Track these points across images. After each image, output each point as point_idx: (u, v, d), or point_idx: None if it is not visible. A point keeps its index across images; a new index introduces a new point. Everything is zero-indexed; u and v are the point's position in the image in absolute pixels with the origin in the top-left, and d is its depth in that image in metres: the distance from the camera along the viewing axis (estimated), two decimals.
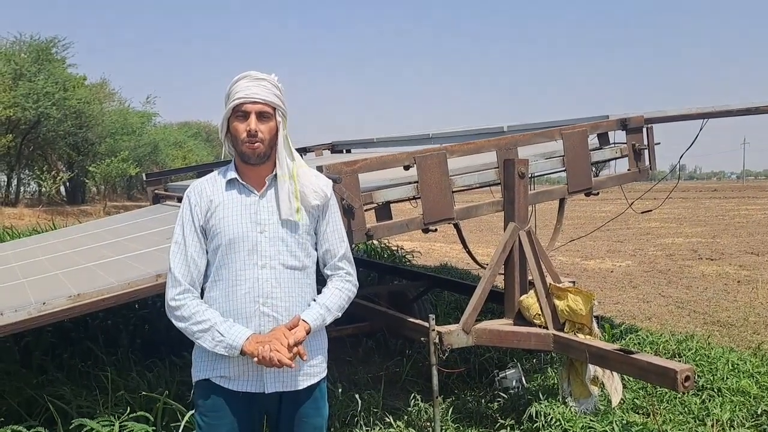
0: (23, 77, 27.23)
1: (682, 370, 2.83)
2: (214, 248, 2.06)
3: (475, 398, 4.11)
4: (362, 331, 4.73)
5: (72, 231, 6.11)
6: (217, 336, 1.97)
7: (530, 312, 3.66)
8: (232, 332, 1.96)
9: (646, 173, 4.59)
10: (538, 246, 3.78)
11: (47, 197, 30.49)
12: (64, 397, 3.51)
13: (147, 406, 3.35)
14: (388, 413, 3.77)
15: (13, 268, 4.20)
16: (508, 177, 3.81)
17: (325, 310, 2.09)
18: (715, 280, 9.18)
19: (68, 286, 3.11)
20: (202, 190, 2.11)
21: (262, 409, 2.10)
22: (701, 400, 3.90)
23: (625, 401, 3.87)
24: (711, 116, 4.62)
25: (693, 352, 4.74)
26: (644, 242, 14.37)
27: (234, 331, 1.97)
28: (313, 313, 2.05)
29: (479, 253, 6.84)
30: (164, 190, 6.50)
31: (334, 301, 2.12)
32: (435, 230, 3.73)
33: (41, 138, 29.66)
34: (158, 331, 4.86)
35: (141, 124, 36.96)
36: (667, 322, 6.55)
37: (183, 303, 2.02)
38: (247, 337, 1.96)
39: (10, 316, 2.63)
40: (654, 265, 10.72)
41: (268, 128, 2.03)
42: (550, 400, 3.66)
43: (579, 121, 4.65)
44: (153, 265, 3.25)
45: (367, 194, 3.47)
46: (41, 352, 4.48)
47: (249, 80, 2.03)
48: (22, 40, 28.96)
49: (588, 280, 9.25)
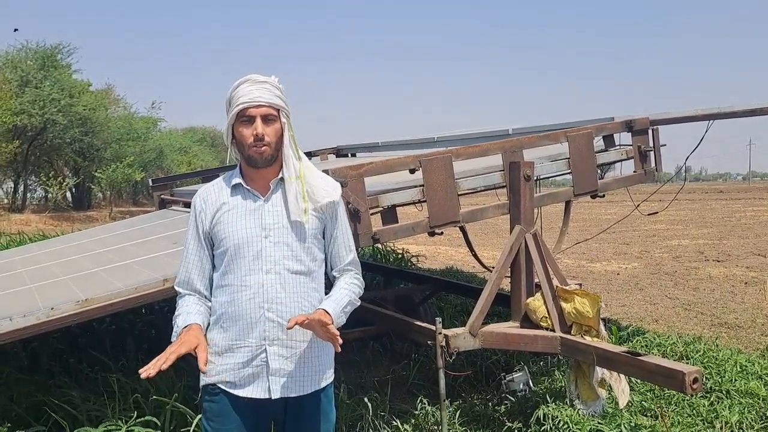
0: (29, 84, 27.43)
1: (690, 372, 2.82)
2: (220, 254, 2.07)
3: (482, 401, 4.10)
4: (368, 334, 4.73)
5: (78, 236, 6.14)
6: (175, 327, 2.02)
7: (537, 315, 3.66)
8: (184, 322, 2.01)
9: (651, 175, 4.58)
10: (545, 248, 3.77)
11: (53, 203, 30.62)
12: (72, 402, 3.51)
13: (155, 410, 3.35)
14: (395, 417, 3.76)
15: (21, 273, 4.22)
16: (513, 180, 3.81)
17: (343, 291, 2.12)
18: (722, 281, 9.14)
19: (76, 291, 3.13)
20: (207, 196, 2.12)
21: (268, 414, 2.09)
22: (710, 403, 3.88)
23: (633, 404, 3.86)
24: (716, 117, 4.61)
25: (701, 354, 4.72)
26: (650, 244, 14.32)
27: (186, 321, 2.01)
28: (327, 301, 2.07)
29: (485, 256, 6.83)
30: (170, 195, 6.52)
31: (347, 290, 2.13)
32: (441, 233, 3.73)
33: (47, 144, 29.82)
34: (165, 336, 4.84)
35: (146, 130, 37.10)
36: (674, 324, 6.52)
37: (177, 304, 2.10)
38: (187, 325, 1.99)
39: (19, 321, 2.65)
40: (660, 267, 10.68)
41: (273, 130, 2.03)
42: (557, 403, 3.65)
43: (584, 123, 4.65)
44: (160, 269, 3.26)
45: (373, 198, 3.47)
46: (48, 357, 4.50)
47: (250, 84, 2.03)
48: (28, 47, 29.20)
49: (594, 283, 9.22)
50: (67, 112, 27.90)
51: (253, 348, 2.02)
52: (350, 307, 2.12)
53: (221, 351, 2.05)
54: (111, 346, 4.72)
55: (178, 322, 2.02)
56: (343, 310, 2.07)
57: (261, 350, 2.02)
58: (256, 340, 2.01)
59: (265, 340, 2.01)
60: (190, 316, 2.02)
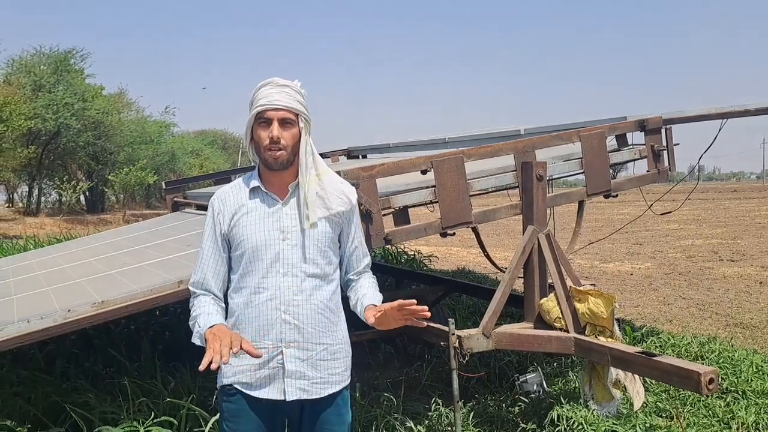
0: (43, 89, 27.72)
1: (706, 373, 2.80)
2: (238, 256, 2.08)
3: (496, 402, 4.10)
4: (381, 336, 4.73)
5: (93, 239, 6.19)
6: (196, 327, 1.99)
7: (551, 315, 3.65)
8: (207, 322, 1.97)
9: (665, 174, 4.55)
10: (558, 249, 3.76)
11: (68, 206, 30.93)
12: (89, 403, 3.54)
13: (171, 411, 3.38)
14: (408, 418, 3.76)
15: (38, 276, 4.27)
16: (526, 180, 3.80)
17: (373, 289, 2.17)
18: (737, 281, 9.07)
19: (92, 293, 3.16)
20: (225, 198, 2.13)
21: (284, 415, 2.10)
22: (726, 403, 3.86)
23: (648, 404, 3.83)
24: (729, 116, 4.58)
25: (716, 354, 4.68)
26: (664, 244, 14.22)
27: (209, 321, 1.98)
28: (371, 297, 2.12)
29: (498, 256, 6.82)
30: (183, 197, 6.56)
31: (374, 288, 2.19)
32: (453, 234, 3.73)
33: (61, 148, 30.14)
34: (179, 338, 4.90)
35: (159, 134, 37.38)
36: (688, 324, 6.48)
37: (191, 305, 2.09)
38: (212, 325, 1.95)
39: (36, 323, 2.68)
40: (674, 267, 10.60)
41: (290, 135, 2.03)
42: (571, 404, 3.64)
43: (597, 122, 4.63)
44: (174, 271, 3.29)
45: (384, 199, 3.48)
46: (64, 359, 4.54)
47: (271, 87, 2.03)
48: (42, 52, 29.52)
49: (608, 283, 9.17)
50: (81, 116, 28.20)
51: (269, 350, 2.02)
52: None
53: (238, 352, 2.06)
54: (126, 348, 4.75)
55: (199, 322, 1.99)
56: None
57: (277, 352, 2.02)
58: (273, 342, 2.02)
59: (281, 342, 2.02)
60: (212, 317, 2.00)
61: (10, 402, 3.69)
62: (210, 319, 1.99)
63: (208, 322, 1.97)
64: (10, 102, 21.40)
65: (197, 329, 1.99)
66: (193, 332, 2.01)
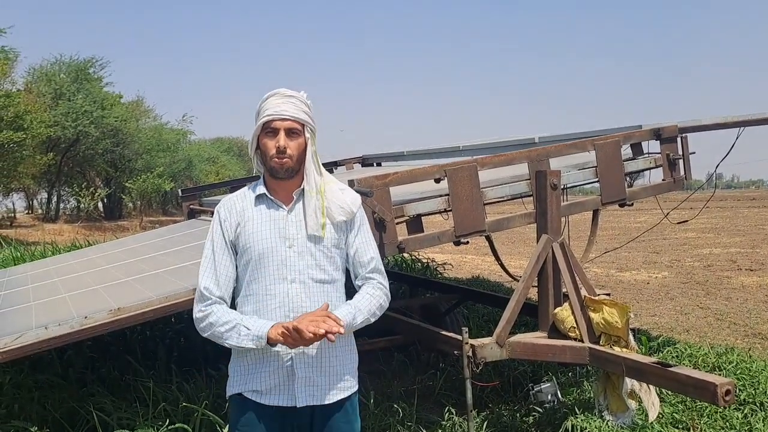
0: (62, 97, 28.14)
1: (723, 384, 2.77)
2: (244, 263, 2.10)
3: (510, 412, 4.08)
4: (394, 344, 4.74)
5: (110, 246, 6.27)
6: (243, 330, 1.98)
7: (565, 325, 3.63)
8: (257, 325, 1.98)
9: (681, 183, 4.52)
10: (572, 258, 3.75)
11: (86, 213, 31.25)
12: (105, 408, 3.59)
13: (185, 418, 3.40)
14: (422, 426, 3.76)
15: (56, 283, 4.32)
16: (540, 188, 3.80)
17: (354, 309, 2.06)
18: (756, 291, 8.95)
19: (108, 300, 3.19)
20: (231, 206, 2.15)
21: (294, 423, 2.10)
22: (743, 415, 3.80)
23: (664, 415, 3.80)
24: (747, 124, 4.54)
25: (733, 365, 4.62)
26: (681, 253, 14.08)
27: (259, 323, 1.98)
28: (342, 311, 2.03)
29: (512, 265, 6.79)
30: (199, 204, 6.62)
31: (364, 303, 2.10)
32: (467, 243, 3.73)
33: (80, 156, 30.54)
34: (194, 344, 4.93)
35: (176, 141, 37.71)
36: (705, 334, 6.41)
37: (209, 311, 2.04)
38: (271, 325, 1.97)
39: (54, 329, 2.71)
40: (691, 277, 10.49)
41: (296, 144, 2.06)
42: (586, 414, 3.62)
43: (611, 131, 4.61)
44: (190, 278, 3.31)
45: (398, 207, 3.49)
46: (81, 364, 4.59)
47: (279, 97, 2.07)
48: (62, 61, 29.98)
49: (623, 292, 9.10)
50: (99, 124, 28.58)
51: (279, 356, 2.04)
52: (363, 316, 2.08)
53: (248, 360, 2.08)
54: (142, 355, 4.80)
55: (247, 325, 1.98)
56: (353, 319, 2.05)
57: (287, 359, 2.04)
58: (282, 348, 2.02)
59: (290, 348, 2.02)
60: (256, 319, 2.01)
61: (29, 406, 3.74)
62: (258, 322, 1.99)
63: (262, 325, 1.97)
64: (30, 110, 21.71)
65: (245, 331, 1.98)
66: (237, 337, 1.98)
